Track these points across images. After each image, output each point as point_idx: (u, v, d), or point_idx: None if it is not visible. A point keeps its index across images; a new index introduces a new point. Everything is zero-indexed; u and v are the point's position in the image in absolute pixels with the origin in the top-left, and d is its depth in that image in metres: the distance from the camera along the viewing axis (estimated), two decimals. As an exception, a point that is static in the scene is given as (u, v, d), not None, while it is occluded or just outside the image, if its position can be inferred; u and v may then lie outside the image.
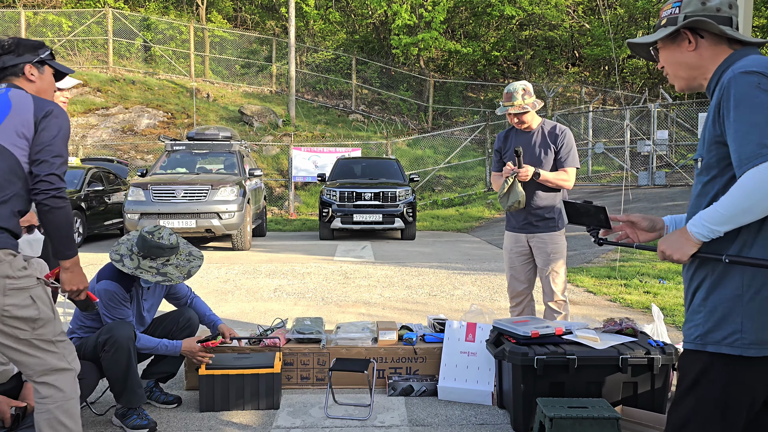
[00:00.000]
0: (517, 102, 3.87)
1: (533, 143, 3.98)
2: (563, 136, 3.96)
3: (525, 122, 3.94)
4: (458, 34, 26.07)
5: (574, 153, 3.97)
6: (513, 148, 3.98)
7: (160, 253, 3.24)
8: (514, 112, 3.87)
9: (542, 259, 3.98)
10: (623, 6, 24.27)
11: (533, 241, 3.99)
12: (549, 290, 4.01)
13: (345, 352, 3.76)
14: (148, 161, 18.01)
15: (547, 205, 3.95)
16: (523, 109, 3.85)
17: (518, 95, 3.86)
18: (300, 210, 17.10)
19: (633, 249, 2.95)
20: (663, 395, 3.20)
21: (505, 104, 3.94)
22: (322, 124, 21.24)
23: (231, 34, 24.58)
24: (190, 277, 3.33)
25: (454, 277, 7.87)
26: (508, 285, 4.18)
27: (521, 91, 3.86)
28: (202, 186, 9.97)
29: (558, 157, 3.95)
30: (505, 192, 3.88)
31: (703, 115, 14.48)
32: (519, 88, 3.87)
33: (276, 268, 8.46)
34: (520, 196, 3.84)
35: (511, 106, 3.88)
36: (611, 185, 16.21)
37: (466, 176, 19.27)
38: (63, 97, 3.58)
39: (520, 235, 4.03)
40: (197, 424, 3.26)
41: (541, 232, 3.96)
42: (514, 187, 3.86)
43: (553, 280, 3.96)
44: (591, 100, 22.09)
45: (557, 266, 3.96)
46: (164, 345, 3.30)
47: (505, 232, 4.18)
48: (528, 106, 3.87)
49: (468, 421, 3.32)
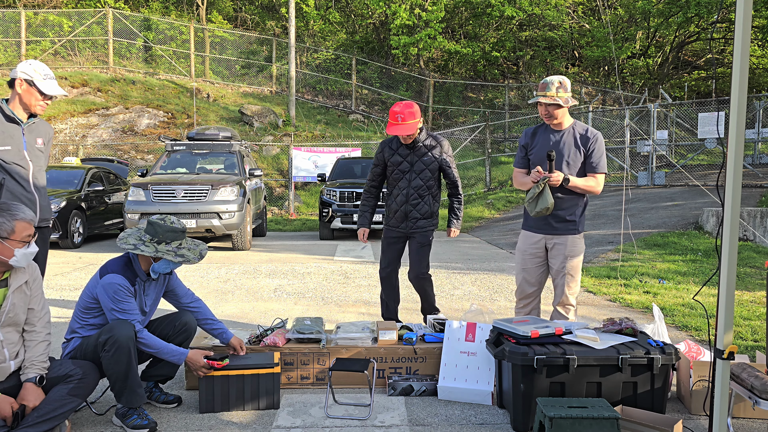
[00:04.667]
0: (550, 93, 3.76)
1: (562, 143, 3.85)
2: (595, 140, 3.84)
3: (555, 117, 3.82)
4: (458, 35, 26.07)
5: (604, 159, 3.86)
6: (540, 144, 3.88)
7: (174, 237, 3.32)
8: (546, 101, 3.76)
9: (559, 262, 3.87)
10: (623, 6, 24.28)
11: (551, 243, 3.89)
12: (562, 293, 3.90)
13: (345, 352, 3.76)
14: (148, 161, 18.01)
15: (570, 207, 3.84)
16: (554, 101, 3.75)
17: (553, 87, 3.76)
18: (300, 210, 17.10)
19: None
20: (663, 395, 3.20)
21: (538, 93, 3.83)
22: (322, 124, 21.24)
23: (231, 35, 24.58)
24: (203, 258, 3.42)
25: (454, 277, 7.87)
26: (517, 286, 4.06)
27: (557, 84, 3.76)
28: (202, 186, 9.97)
29: (589, 162, 3.83)
30: (534, 197, 3.75)
31: (703, 115, 14.49)
32: (555, 81, 3.78)
33: (276, 268, 8.46)
34: (549, 203, 3.71)
35: (544, 96, 3.78)
36: (611, 185, 16.21)
37: (466, 176, 19.27)
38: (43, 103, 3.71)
39: (538, 235, 3.92)
40: (197, 424, 3.26)
41: (560, 234, 3.86)
42: (544, 193, 3.72)
43: (567, 284, 3.87)
44: (591, 100, 22.09)
45: (573, 270, 3.87)
46: (170, 350, 3.28)
47: (522, 232, 4.06)
48: (560, 100, 3.76)
49: (468, 420, 3.32)
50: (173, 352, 3.28)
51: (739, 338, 4.88)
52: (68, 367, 3.02)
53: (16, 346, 2.92)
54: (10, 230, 2.80)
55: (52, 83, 3.69)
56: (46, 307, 3.10)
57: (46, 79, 3.67)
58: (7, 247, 2.79)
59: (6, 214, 2.82)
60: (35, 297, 3.01)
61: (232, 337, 3.61)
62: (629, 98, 23.27)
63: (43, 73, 3.67)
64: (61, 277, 7.69)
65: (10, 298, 2.87)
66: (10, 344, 2.88)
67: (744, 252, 8.78)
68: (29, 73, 3.63)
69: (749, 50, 2.35)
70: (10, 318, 2.87)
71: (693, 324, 5.29)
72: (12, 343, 2.90)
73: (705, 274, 7.58)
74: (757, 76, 23.82)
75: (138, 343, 3.20)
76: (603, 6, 24.77)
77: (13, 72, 3.67)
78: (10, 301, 2.87)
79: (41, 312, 3.04)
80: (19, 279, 2.92)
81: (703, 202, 12.23)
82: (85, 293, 3.31)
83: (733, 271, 2.43)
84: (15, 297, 2.89)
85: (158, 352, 3.26)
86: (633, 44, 24.52)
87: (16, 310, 2.89)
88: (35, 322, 3.00)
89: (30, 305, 2.97)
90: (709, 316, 5.33)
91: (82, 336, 3.27)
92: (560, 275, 3.87)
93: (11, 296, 2.88)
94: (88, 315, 3.28)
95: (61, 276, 7.75)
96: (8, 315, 2.86)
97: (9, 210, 2.84)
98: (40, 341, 2.99)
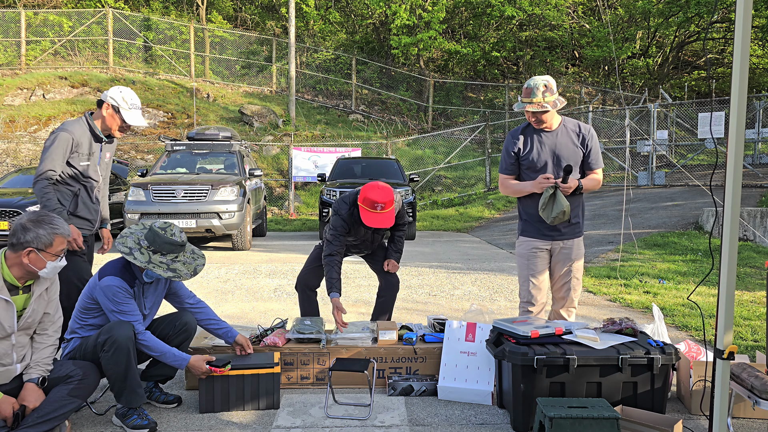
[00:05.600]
0: (537, 99, 3.53)
1: (559, 145, 3.66)
2: (591, 136, 3.70)
3: (544, 122, 3.63)
4: (458, 35, 26.07)
5: (600, 153, 3.75)
6: (535, 149, 3.67)
7: (171, 250, 3.27)
8: (533, 110, 3.55)
9: (565, 266, 3.76)
10: (623, 6, 24.28)
11: (557, 248, 3.76)
12: (566, 297, 3.81)
13: (345, 352, 3.76)
14: (148, 161, 18.01)
15: (574, 209, 3.73)
16: (542, 108, 3.53)
17: (539, 92, 3.53)
18: (300, 210, 17.10)
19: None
20: (663, 395, 3.20)
21: (523, 100, 3.59)
22: (322, 124, 21.24)
23: (231, 35, 24.58)
24: (195, 275, 3.35)
25: (454, 277, 7.87)
26: (528, 292, 3.82)
27: (542, 88, 3.53)
28: (202, 186, 9.97)
29: (588, 160, 3.70)
30: (547, 203, 3.55)
31: (703, 115, 14.50)
32: (540, 84, 3.54)
33: (276, 268, 8.46)
34: (565, 206, 3.51)
35: (530, 103, 3.55)
36: (611, 185, 16.21)
37: (466, 176, 19.27)
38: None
39: (543, 241, 3.75)
40: (197, 424, 3.26)
41: (566, 238, 3.73)
42: (557, 198, 3.53)
43: (574, 287, 3.80)
44: (591, 100, 22.10)
45: (579, 273, 3.81)
46: (172, 354, 3.26)
47: (521, 238, 3.85)
48: (548, 105, 3.54)
49: (468, 420, 3.32)
50: (175, 357, 3.26)
51: (739, 338, 4.88)
52: (68, 367, 3.02)
53: (24, 349, 2.93)
54: (49, 243, 2.83)
55: (136, 113, 3.93)
56: (60, 311, 3.11)
57: (131, 108, 3.91)
58: (41, 258, 2.82)
59: (48, 227, 2.83)
60: (52, 302, 3.03)
61: (237, 335, 3.59)
62: (629, 98, 23.27)
63: (130, 103, 3.91)
64: (61, 277, 7.69)
65: (32, 305, 2.90)
66: (19, 348, 2.90)
67: (744, 252, 8.78)
68: (117, 101, 3.89)
69: (749, 50, 2.35)
70: (28, 323, 2.90)
71: (693, 324, 5.29)
72: (21, 347, 2.91)
73: (705, 274, 7.57)
74: (757, 76, 23.82)
75: (140, 345, 3.20)
76: (603, 6, 24.77)
77: (104, 95, 3.92)
78: (32, 307, 2.90)
79: (55, 316, 3.05)
80: (42, 286, 2.94)
81: (703, 202, 12.24)
82: (84, 294, 3.31)
83: (733, 271, 2.43)
84: (36, 303, 2.92)
85: (161, 356, 3.26)
86: (633, 44, 24.52)
87: (34, 315, 2.92)
88: (47, 327, 3.02)
89: (46, 310, 2.99)
90: (706, 315, 5.33)
91: (81, 336, 3.26)
92: (566, 279, 3.79)
93: (33, 303, 2.90)
94: (87, 315, 3.28)
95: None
96: (27, 320, 2.89)
97: (51, 223, 2.85)
98: (49, 345, 3.01)
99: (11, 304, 2.80)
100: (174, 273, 3.24)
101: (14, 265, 2.80)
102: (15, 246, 2.79)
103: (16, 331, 2.84)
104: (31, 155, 17.98)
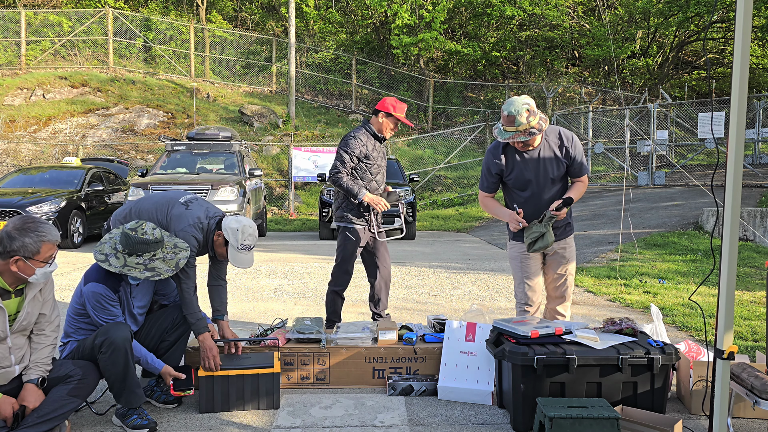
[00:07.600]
0: (522, 127, 3.36)
1: (542, 161, 3.58)
2: (573, 146, 3.59)
3: (532, 144, 3.53)
4: (458, 35, 26.07)
5: (584, 158, 3.69)
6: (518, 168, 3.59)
7: (146, 249, 3.20)
8: (520, 139, 3.39)
9: (559, 266, 3.79)
10: (623, 6, 24.28)
11: (551, 249, 3.76)
12: (561, 295, 3.85)
13: (345, 351, 3.76)
14: (148, 161, 18.02)
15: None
16: (531, 134, 3.38)
17: (522, 117, 3.33)
18: (300, 210, 17.11)
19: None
20: (663, 395, 3.20)
21: (507, 129, 3.39)
22: (322, 124, 21.24)
23: (231, 34, 24.58)
24: (178, 270, 3.29)
25: (453, 276, 7.87)
26: (524, 294, 3.83)
27: (525, 113, 3.33)
28: (202, 186, 9.97)
29: (572, 168, 3.65)
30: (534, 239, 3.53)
31: (703, 115, 14.50)
32: (522, 110, 3.33)
33: (276, 268, 8.46)
34: (550, 241, 3.54)
35: (515, 132, 3.38)
36: (611, 185, 16.22)
37: (466, 176, 19.27)
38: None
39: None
40: (197, 424, 3.26)
41: (558, 239, 3.74)
42: (545, 236, 3.53)
43: (568, 284, 3.83)
44: (591, 100, 22.10)
45: (572, 270, 3.85)
46: (146, 360, 3.28)
47: (512, 242, 3.85)
48: (535, 129, 3.37)
49: (468, 420, 3.32)
50: (148, 364, 3.29)
51: (739, 338, 4.88)
52: (68, 367, 3.02)
53: (21, 351, 2.92)
54: (36, 251, 2.79)
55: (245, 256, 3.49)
56: (57, 310, 3.10)
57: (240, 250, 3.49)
58: (29, 266, 2.80)
59: (33, 235, 2.79)
60: (47, 302, 3.02)
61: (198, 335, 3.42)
62: (629, 98, 23.28)
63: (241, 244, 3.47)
64: (61, 277, 7.69)
65: (26, 308, 2.89)
66: (17, 349, 2.89)
67: (744, 252, 8.78)
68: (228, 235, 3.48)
69: (749, 50, 2.35)
70: (23, 326, 2.90)
71: (693, 324, 5.29)
72: (18, 348, 2.90)
73: (705, 274, 7.57)
74: (757, 76, 23.83)
75: None
76: (603, 6, 24.77)
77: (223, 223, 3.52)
78: (26, 310, 2.90)
79: (51, 316, 3.04)
80: (35, 288, 2.94)
81: (703, 202, 12.24)
82: (73, 298, 3.32)
83: (733, 271, 2.43)
84: (30, 306, 2.91)
85: (139, 360, 3.28)
86: (633, 44, 24.53)
87: (29, 317, 2.92)
88: (45, 327, 3.01)
89: (42, 310, 2.98)
90: (706, 315, 5.33)
91: (77, 339, 3.27)
92: (561, 278, 3.83)
93: (27, 305, 2.90)
94: (79, 319, 3.28)
95: (61, 276, 7.75)
96: (22, 323, 2.89)
97: (37, 230, 2.81)
98: (47, 345, 3.00)
99: (2, 309, 2.79)
100: (152, 272, 3.19)
101: (3, 272, 2.79)
102: (2, 254, 2.76)
103: (10, 335, 2.83)
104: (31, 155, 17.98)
